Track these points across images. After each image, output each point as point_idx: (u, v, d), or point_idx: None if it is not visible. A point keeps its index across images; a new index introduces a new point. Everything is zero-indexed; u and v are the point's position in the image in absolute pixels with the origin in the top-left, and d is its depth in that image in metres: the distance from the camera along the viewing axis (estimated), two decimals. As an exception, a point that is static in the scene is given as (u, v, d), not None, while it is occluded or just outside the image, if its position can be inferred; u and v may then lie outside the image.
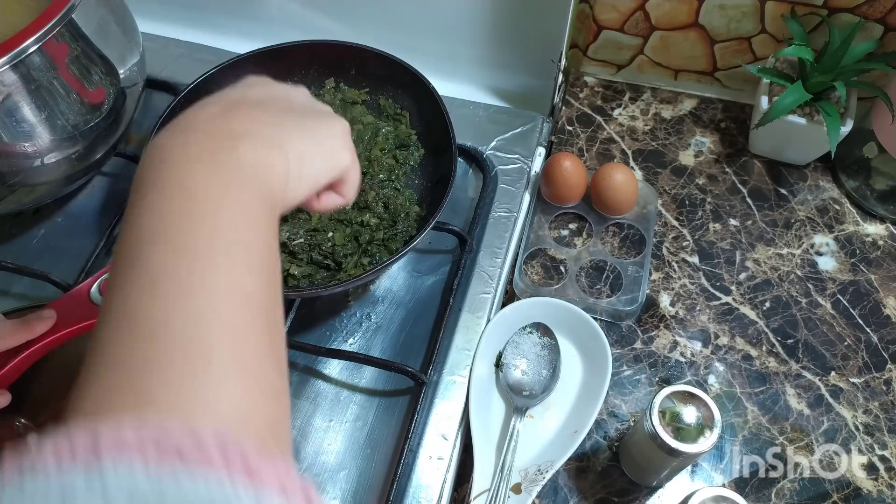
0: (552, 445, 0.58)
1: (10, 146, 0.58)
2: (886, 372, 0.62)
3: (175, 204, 0.30)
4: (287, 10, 0.81)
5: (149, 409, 0.25)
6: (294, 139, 0.36)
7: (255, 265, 0.31)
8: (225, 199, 0.31)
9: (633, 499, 0.57)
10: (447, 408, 0.60)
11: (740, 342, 0.64)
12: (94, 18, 0.61)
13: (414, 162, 0.70)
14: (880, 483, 0.57)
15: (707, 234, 0.71)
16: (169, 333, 0.27)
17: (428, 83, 0.68)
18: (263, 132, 0.34)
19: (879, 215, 0.71)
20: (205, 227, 0.30)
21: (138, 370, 0.26)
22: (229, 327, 0.28)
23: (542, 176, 0.70)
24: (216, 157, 0.32)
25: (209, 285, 0.29)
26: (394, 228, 0.64)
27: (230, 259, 0.30)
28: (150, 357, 0.26)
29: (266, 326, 0.30)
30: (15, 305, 0.64)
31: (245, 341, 0.28)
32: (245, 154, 0.33)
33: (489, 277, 0.66)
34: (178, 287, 0.28)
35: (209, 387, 0.26)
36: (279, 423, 0.29)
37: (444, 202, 0.60)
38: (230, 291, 0.29)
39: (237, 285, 0.29)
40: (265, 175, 0.33)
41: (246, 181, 0.32)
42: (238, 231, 0.31)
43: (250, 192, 0.32)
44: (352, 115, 0.72)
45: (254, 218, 0.32)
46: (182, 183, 0.31)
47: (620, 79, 0.82)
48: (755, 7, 0.70)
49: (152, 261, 0.29)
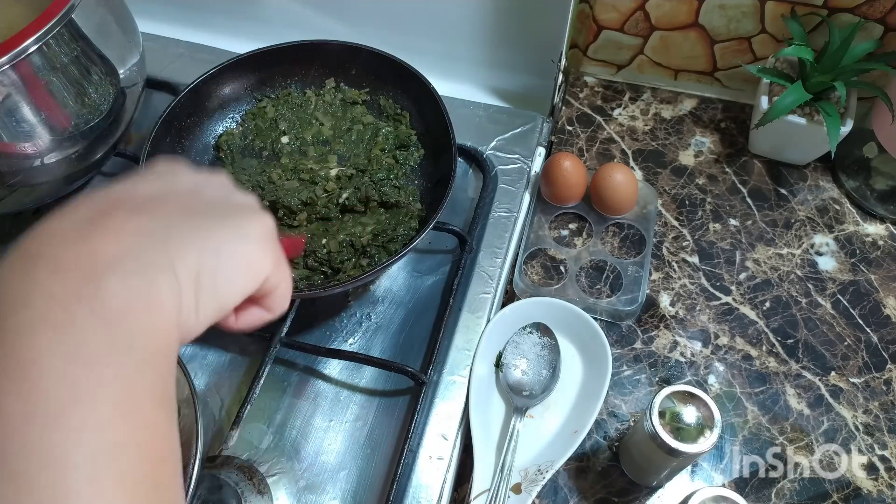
0: (552, 445, 0.58)
1: (10, 146, 0.58)
2: (886, 372, 0.62)
3: (9, 407, 0.22)
4: (287, 10, 0.81)
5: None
6: (188, 253, 0.27)
7: (135, 472, 0.23)
8: (84, 384, 0.23)
9: (633, 499, 0.57)
10: (447, 408, 0.60)
11: (740, 342, 0.64)
12: (93, 18, 0.61)
13: (414, 162, 0.70)
14: (880, 483, 0.57)
15: (707, 234, 0.71)
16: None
17: (428, 83, 0.68)
18: (141, 253, 0.26)
19: (879, 215, 0.71)
20: (54, 438, 0.22)
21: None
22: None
23: (542, 176, 0.70)
24: (70, 312, 0.23)
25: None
26: (394, 231, 0.64)
27: (90, 480, 0.22)
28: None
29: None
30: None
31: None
32: (114, 297, 0.24)
33: (489, 277, 0.66)
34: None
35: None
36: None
37: (443, 202, 0.60)
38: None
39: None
40: (144, 321, 0.25)
41: (115, 342, 0.24)
42: (106, 431, 0.23)
43: (121, 359, 0.24)
44: (352, 114, 0.72)
45: (129, 399, 0.24)
46: (23, 364, 0.22)
47: (620, 79, 0.82)
48: (755, 7, 0.70)
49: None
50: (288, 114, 0.72)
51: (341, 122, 0.72)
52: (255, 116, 0.72)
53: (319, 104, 0.73)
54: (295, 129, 0.72)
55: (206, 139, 0.71)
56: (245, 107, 0.73)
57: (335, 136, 0.71)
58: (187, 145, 0.69)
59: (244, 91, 0.72)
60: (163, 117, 0.65)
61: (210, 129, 0.71)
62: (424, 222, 0.63)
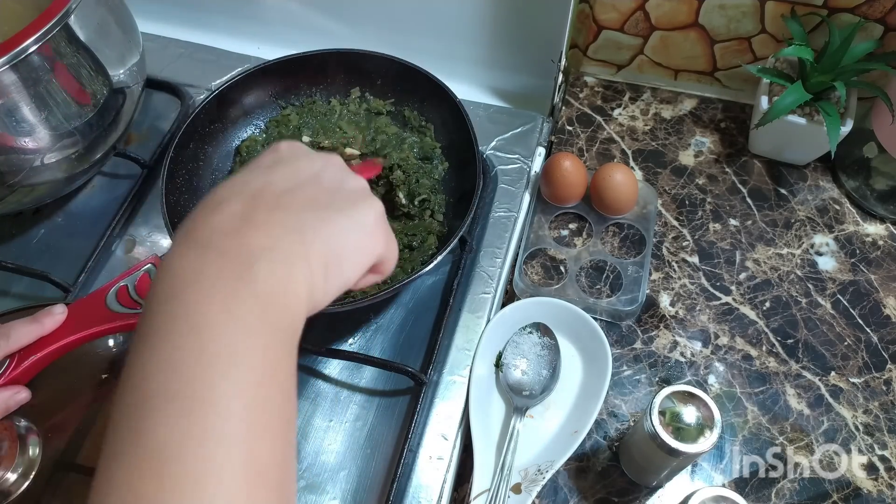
0: (552, 445, 0.58)
1: (10, 146, 0.58)
2: (886, 372, 0.62)
3: (188, 356, 0.28)
4: (287, 11, 0.81)
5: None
6: (318, 246, 0.33)
7: (274, 425, 0.29)
8: (242, 346, 0.29)
9: (633, 499, 0.57)
10: (447, 408, 0.60)
11: (740, 342, 0.64)
12: (93, 18, 0.61)
13: (438, 175, 0.69)
14: (880, 483, 0.57)
15: (707, 234, 0.71)
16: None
17: (454, 97, 0.67)
18: (284, 246, 0.32)
19: (879, 215, 0.71)
20: (221, 388, 0.27)
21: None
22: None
23: (542, 176, 0.70)
24: (231, 289, 0.29)
25: (224, 465, 0.26)
26: (410, 255, 0.64)
27: (246, 426, 0.27)
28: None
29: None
30: (15, 305, 0.64)
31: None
32: (264, 281, 0.30)
33: (489, 277, 0.66)
34: (187, 472, 0.25)
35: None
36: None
37: (469, 215, 0.59)
38: (246, 467, 0.27)
39: (253, 457, 0.27)
40: (285, 302, 0.31)
41: (264, 317, 0.30)
42: (257, 387, 0.28)
43: (270, 329, 0.30)
44: (376, 125, 0.72)
45: (273, 363, 0.30)
46: (196, 326, 0.28)
47: (620, 79, 0.82)
48: (755, 7, 0.70)
49: (159, 432, 0.26)
50: (312, 122, 0.72)
51: (365, 131, 0.72)
52: (279, 124, 0.72)
53: (344, 113, 0.73)
54: (319, 138, 0.71)
55: (229, 146, 0.71)
56: (269, 114, 0.73)
57: (360, 146, 0.71)
58: (210, 151, 0.69)
59: (268, 98, 0.72)
60: (186, 124, 0.65)
61: (234, 135, 0.71)
62: (442, 238, 0.63)
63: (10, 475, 0.52)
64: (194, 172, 0.67)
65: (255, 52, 0.82)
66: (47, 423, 0.56)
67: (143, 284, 0.56)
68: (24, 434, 0.53)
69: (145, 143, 0.77)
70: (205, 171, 0.68)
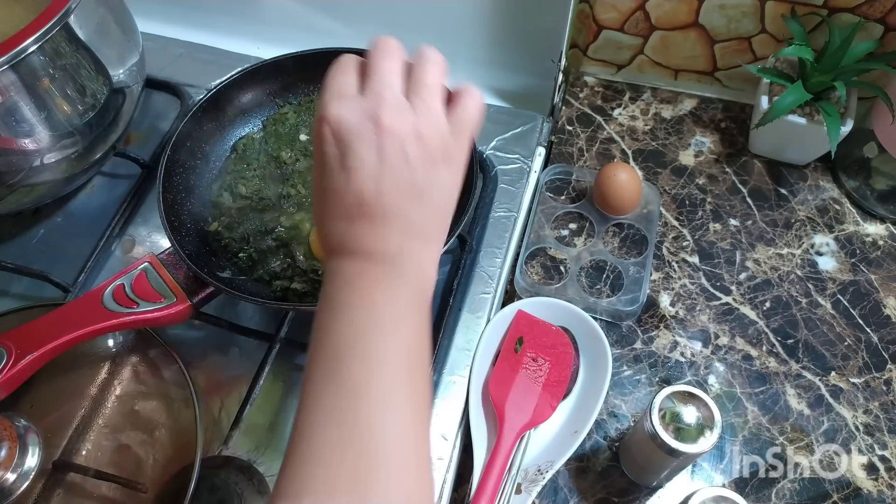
0: (552, 445, 0.58)
1: (10, 146, 0.58)
2: (886, 372, 0.62)
3: (365, 322, 0.37)
4: (286, 10, 0.81)
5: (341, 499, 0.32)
6: (434, 236, 0.41)
7: (425, 371, 0.38)
8: (402, 314, 0.38)
9: (633, 499, 0.57)
10: (447, 408, 0.60)
11: (740, 342, 0.64)
12: (93, 18, 0.61)
13: None
14: (880, 483, 0.57)
15: (707, 234, 0.71)
16: (368, 438, 0.34)
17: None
18: (414, 247, 0.40)
19: (879, 215, 0.71)
20: (392, 342, 0.37)
21: (335, 465, 0.33)
22: (410, 436, 0.35)
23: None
24: (389, 276, 0.38)
25: (398, 399, 0.35)
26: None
27: (411, 372, 0.37)
28: (349, 457, 0.33)
29: (427, 425, 0.37)
30: (15, 305, 0.64)
31: (417, 446, 0.36)
32: (408, 273, 0.39)
33: (489, 277, 0.66)
34: (375, 400, 0.35)
35: (388, 482, 0.33)
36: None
37: (465, 214, 0.59)
38: (410, 402, 0.36)
39: (416, 395, 0.36)
40: (423, 283, 0.40)
41: (415, 296, 0.39)
42: (415, 342, 0.38)
43: (418, 302, 0.39)
44: None
45: (421, 325, 0.39)
46: (369, 303, 0.37)
47: (620, 79, 0.82)
48: (755, 7, 0.70)
49: (353, 374, 0.35)
50: (310, 121, 0.72)
51: None
52: (277, 122, 0.72)
53: None
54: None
55: (226, 144, 0.70)
56: (267, 112, 0.72)
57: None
58: (207, 150, 0.68)
59: (266, 97, 0.72)
60: (184, 123, 0.65)
61: (231, 133, 0.70)
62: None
63: (9, 475, 0.52)
64: (192, 171, 0.67)
65: (255, 52, 0.82)
66: (47, 423, 0.56)
67: (140, 283, 0.56)
68: (23, 434, 0.53)
69: (145, 143, 0.77)
70: (202, 169, 0.68)
